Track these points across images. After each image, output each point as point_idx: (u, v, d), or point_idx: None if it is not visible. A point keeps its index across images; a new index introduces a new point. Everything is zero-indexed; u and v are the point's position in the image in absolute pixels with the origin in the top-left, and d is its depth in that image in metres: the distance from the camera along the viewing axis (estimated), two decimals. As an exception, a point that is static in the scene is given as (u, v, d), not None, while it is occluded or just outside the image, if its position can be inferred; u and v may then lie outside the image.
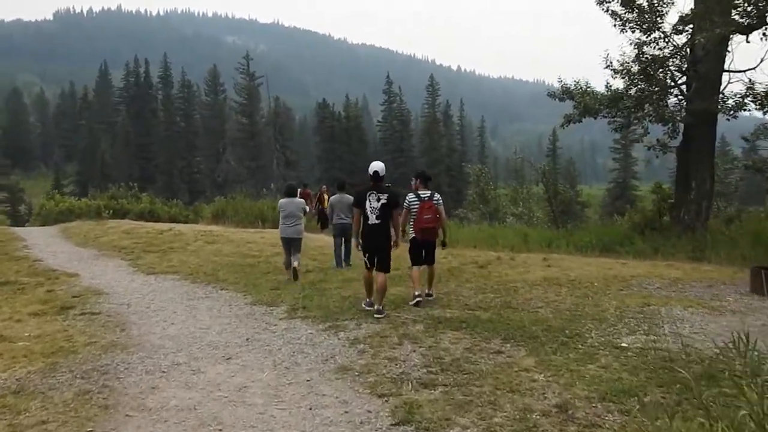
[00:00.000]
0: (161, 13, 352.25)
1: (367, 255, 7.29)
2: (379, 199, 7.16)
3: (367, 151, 77.93)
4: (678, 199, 14.52)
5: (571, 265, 11.26)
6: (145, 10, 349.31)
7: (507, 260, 12.02)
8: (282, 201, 10.46)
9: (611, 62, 14.95)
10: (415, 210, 7.90)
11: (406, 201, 7.97)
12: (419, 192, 8.08)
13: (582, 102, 14.66)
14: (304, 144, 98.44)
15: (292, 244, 10.23)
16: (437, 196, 8.14)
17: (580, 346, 5.86)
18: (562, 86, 15.54)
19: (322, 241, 14.71)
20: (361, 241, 7.35)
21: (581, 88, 15.19)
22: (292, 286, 9.30)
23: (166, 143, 74.42)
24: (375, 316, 7.04)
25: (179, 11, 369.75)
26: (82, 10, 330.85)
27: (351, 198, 11.84)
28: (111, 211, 22.36)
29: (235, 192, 23.58)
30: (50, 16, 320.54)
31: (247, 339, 6.22)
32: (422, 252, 8.12)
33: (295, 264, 9.94)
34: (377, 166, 7.40)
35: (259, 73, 68.81)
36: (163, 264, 11.79)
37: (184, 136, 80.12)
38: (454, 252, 13.38)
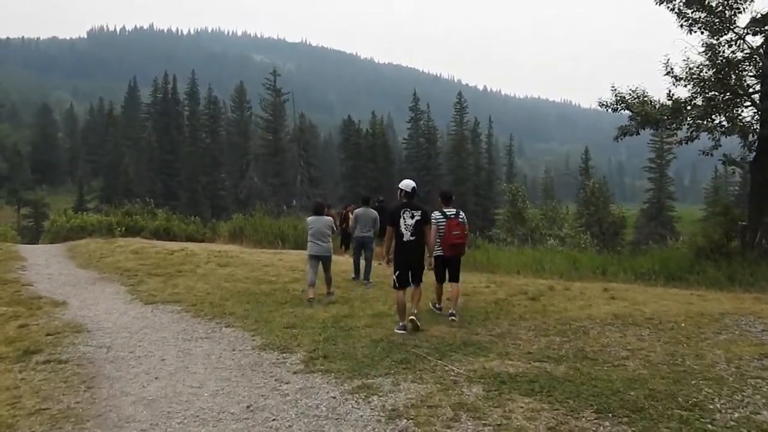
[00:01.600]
0: (191, 32, 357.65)
1: (398, 272, 7.22)
2: (413, 216, 7.20)
3: (392, 169, 76.62)
4: (752, 220, 12.71)
5: (639, 298, 9.56)
6: (177, 29, 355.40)
7: (561, 290, 10.34)
8: (310, 219, 10.18)
9: (671, 68, 13.32)
10: (443, 227, 7.94)
11: (433, 218, 7.85)
12: (444, 210, 8.14)
13: (641, 112, 12.97)
14: (328, 162, 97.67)
15: (321, 262, 9.95)
16: (462, 214, 8.21)
17: (710, 427, 4.20)
18: (616, 95, 13.88)
19: (347, 264, 13.18)
20: (392, 258, 7.35)
21: (638, 96, 13.51)
22: (312, 322, 7.75)
23: (191, 159, 73.92)
24: (416, 324, 7.13)
25: (209, 30, 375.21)
26: (115, 29, 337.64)
27: (374, 212, 11.58)
28: (123, 229, 21.13)
29: (255, 209, 22.16)
30: (84, 35, 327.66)
31: (248, 407, 4.66)
32: (446, 269, 8.26)
33: (331, 290, 10.06)
34: (410, 183, 7.45)
35: (285, 90, 68.23)
36: (167, 291, 10.34)
37: (209, 152, 79.73)
38: (497, 279, 11.75)
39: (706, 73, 12.25)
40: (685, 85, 13.24)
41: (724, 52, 12.51)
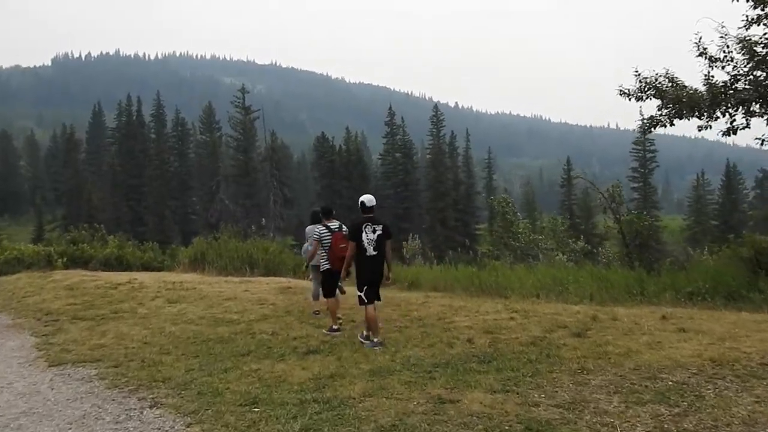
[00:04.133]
0: (159, 56, 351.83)
1: (366, 288, 7.17)
2: (375, 231, 7.18)
3: (368, 187, 74.24)
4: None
5: (716, 328, 7.31)
6: (144, 54, 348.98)
7: (608, 321, 8.01)
8: (309, 228, 9.54)
9: (704, 48, 11.21)
10: (327, 241, 8.18)
11: (316, 233, 8.37)
12: (328, 224, 8.33)
13: (678, 97, 10.79)
14: (302, 182, 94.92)
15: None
16: (345, 227, 8.22)
17: None
18: (641, 80, 11.71)
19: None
20: (348, 273, 7.40)
21: (671, 80, 11.36)
22: (283, 391, 5.25)
23: (157, 183, 70.69)
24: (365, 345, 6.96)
25: (177, 54, 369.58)
26: (80, 55, 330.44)
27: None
28: (64, 260, 18.28)
29: (220, 231, 19.51)
30: (48, 62, 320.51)
31: None
32: (336, 281, 8.36)
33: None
34: (368, 198, 7.40)
35: (255, 107, 65.67)
36: (89, 342, 7.74)
37: (178, 175, 76.56)
38: (517, 307, 9.37)
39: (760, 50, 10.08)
40: (723, 67, 11.15)
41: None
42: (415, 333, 7.74)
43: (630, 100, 12.02)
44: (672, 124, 11.26)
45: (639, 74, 11.74)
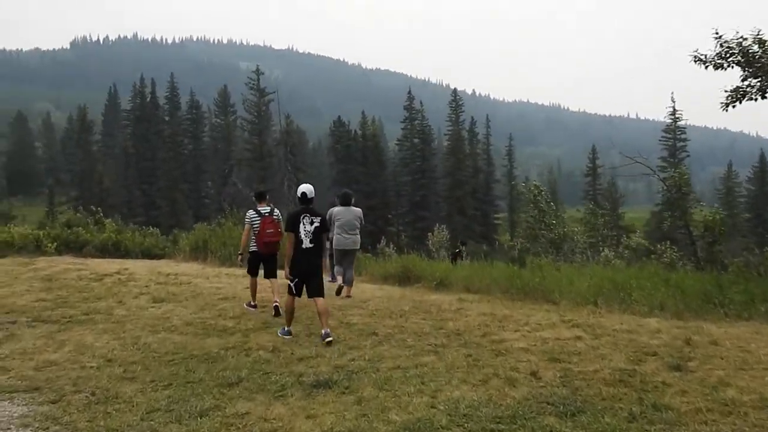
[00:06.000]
0: (177, 40, 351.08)
1: (296, 281, 6.89)
2: (312, 222, 6.94)
3: (385, 173, 72.36)
4: None
5: None
6: (161, 38, 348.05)
7: (705, 344, 6.20)
8: (337, 209, 9.49)
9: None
10: (257, 225, 8.23)
11: (247, 217, 8.45)
12: (258, 208, 8.35)
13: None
14: (317, 168, 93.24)
15: (345, 257, 9.47)
16: (277, 212, 8.40)
17: None
18: (722, 44, 9.74)
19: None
20: (289, 267, 6.94)
21: (760, 45, 9.38)
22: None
23: (171, 166, 69.34)
24: (326, 341, 6.56)
25: (194, 38, 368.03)
26: (98, 39, 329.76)
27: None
28: (55, 244, 16.67)
29: (225, 216, 17.82)
30: (67, 45, 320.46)
31: None
32: (260, 263, 8.49)
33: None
34: (307, 188, 7.24)
35: (271, 92, 63.87)
36: (39, 357, 6.08)
37: (192, 159, 75.22)
38: (580, 320, 7.56)
39: None
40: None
41: None
42: (458, 357, 5.96)
43: (706, 68, 10.08)
44: (764, 97, 9.29)
45: (720, 37, 9.79)
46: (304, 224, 6.89)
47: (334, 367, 5.73)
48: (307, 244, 6.87)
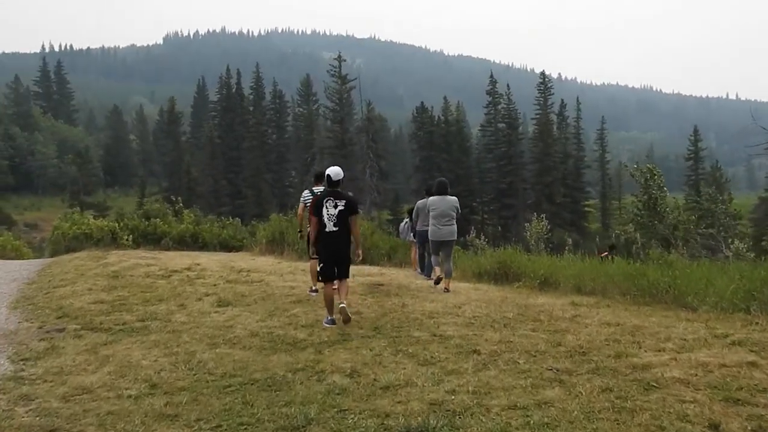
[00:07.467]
0: (262, 32, 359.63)
1: (323, 266, 6.78)
2: (336, 206, 6.73)
3: (469, 159, 70.21)
4: None
5: None
6: (248, 31, 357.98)
7: None
8: (432, 199, 9.26)
9: None
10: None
11: (302, 197, 8.56)
12: (314, 188, 8.43)
13: None
14: (399, 155, 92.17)
15: (442, 248, 9.11)
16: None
17: None
18: None
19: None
20: (315, 250, 7.00)
21: None
22: None
23: (255, 155, 70.23)
24: (341, 312, 6.62)
25: (279, 30, 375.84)
26: (189, 33, 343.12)
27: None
28: (131, 237, 16.21)
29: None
30: (160, 41, 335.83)
31: None
32: None
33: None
34: (333, 170, 6.97)
35: (351, 78, 63.21)
36: (72, 380, 5.07)
37: (276, 148, 76.08)
38: (742, 336, 5.80)
39: None
40: None
41: None
42: (593, 392, 4.43)
43: None
44: None
45: None
46: (327, 207, 6.73)
47: (429, 404, 4.33)
48: (330, 227, 6.71)
